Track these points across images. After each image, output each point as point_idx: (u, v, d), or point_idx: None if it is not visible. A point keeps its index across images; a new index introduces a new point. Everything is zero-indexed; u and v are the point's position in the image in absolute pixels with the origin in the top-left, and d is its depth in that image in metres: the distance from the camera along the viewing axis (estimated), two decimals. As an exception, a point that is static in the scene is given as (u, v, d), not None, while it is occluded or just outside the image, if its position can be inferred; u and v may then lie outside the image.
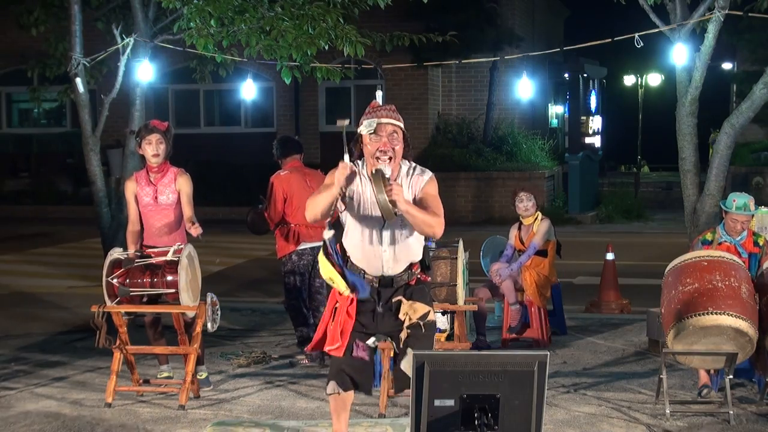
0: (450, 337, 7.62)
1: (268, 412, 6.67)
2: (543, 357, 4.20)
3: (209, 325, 6.96)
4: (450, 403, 4.17)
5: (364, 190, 5.04)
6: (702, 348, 6.41)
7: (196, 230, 6.81)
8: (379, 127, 4.95)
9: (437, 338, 7.54)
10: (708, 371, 6.82)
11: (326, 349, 5.13)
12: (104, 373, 7.48)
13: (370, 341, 5.17)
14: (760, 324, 6.39)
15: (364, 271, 5.08)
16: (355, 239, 5.08)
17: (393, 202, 4.77)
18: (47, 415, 6.59)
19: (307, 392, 7.15)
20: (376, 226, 5.05)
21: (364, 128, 4.96)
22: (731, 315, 6.24)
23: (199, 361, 7.17)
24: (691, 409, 6.65)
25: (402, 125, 5.03)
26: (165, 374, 7.41)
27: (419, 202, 5.02)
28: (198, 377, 7.14)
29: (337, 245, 5.10)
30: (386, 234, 5.04)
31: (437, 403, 4.16)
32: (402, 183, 5.01)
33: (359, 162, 5.10)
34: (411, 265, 5.13)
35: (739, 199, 6.95)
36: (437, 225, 4.94)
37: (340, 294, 5.11)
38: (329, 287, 5.24)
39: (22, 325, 9.68)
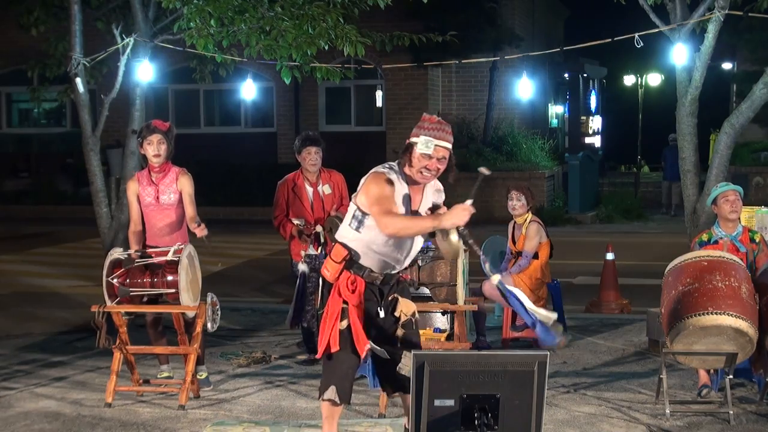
0: (450, 337, 7.61)
1: (268, 412, 6.67)
2: (543, 357, 4.20)
3: (209, 325, 6.96)
4: (450, 403, 4.17)
5: (401, 192, 5.07)
6: (702, 348, 6.41)
7: (201, 231, 6.76)
8: (435, 148, 5.02)
9: (437, 338, 7.54)
10: (708, 371, 6.82)
11: (362, 348, 5.06)
12: (104, 373, 7.48)
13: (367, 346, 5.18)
14: (760, 324, 6.38)
15: (369, 269, 5.11)
16: (379, 239, 5.07)
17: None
18: (47, 415, 6.59)
19: (307, 392, 7.14)
20: None
21: (422, 146, 5.01)
22: (731, 315, 6.24)
23: (199, 361, 7.17)
24: (691, 409, 6.65)
25: (451, 147, 5.10)
26: (165, 374, 7.41)
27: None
28: (198, 377, 7.14)
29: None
30: (410, 239, 5.16)
31: (437, 403, 4.17)
32: (426, 193, 5.20)
33: (396, 166, 5.10)
34: None
35: (719, 185, 7.21)
36: None
37: (346, 295, 5.11)
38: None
39: (22, 325, 9.68)
